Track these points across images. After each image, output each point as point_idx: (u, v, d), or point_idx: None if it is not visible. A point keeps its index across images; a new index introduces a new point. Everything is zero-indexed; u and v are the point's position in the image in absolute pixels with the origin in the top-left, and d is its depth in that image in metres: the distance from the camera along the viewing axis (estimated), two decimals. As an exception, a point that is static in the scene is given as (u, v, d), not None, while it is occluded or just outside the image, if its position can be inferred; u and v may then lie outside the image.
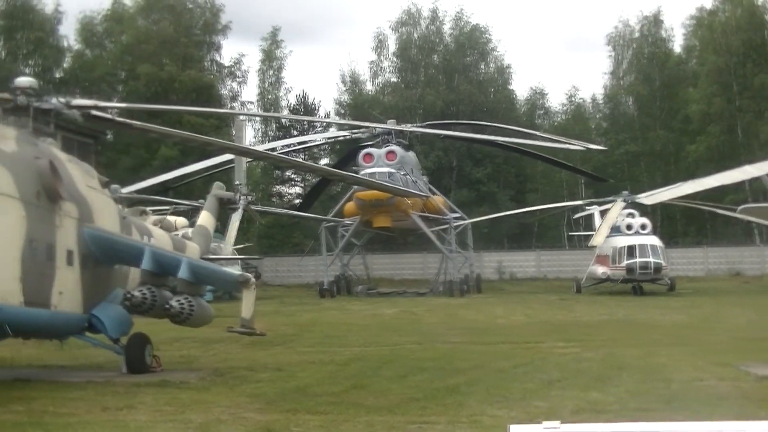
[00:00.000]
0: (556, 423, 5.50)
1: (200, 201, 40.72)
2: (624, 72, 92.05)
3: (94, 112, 19.68)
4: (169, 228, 29.11)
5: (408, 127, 58.41)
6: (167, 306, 19.26)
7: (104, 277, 19.56)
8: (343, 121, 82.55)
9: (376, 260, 72.31)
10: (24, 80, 19.06)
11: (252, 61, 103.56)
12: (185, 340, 25.49)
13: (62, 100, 19.25)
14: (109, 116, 20.87)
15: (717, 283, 63.75)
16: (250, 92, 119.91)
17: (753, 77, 79.95)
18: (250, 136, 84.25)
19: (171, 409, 14.26)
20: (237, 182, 38.39)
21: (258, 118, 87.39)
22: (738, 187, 70.55)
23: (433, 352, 22.53)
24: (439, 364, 19.84)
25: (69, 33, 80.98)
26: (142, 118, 30.58)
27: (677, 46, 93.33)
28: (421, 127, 60.43)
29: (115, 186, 34.67)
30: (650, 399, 14.26)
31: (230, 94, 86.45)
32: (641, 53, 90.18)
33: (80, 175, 19.23)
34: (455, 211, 63.15)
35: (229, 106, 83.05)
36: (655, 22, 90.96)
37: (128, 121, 22.15)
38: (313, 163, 63.46)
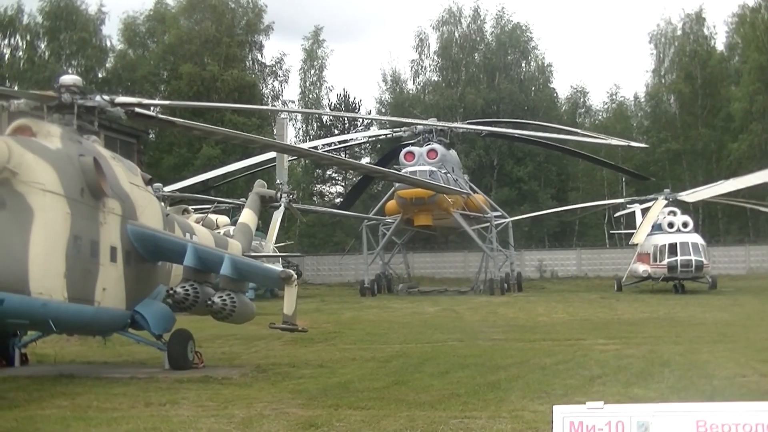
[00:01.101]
0: (599, 403, 5.55)
1: (242, 199, 40.90)
2: (666, 70, 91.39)
3: (138, 110, 19.81)
4: (210, 226, 29.32)
5: (449, 124, 58.30)
6: (209, 302, 19.35)
7: (147, 274, 19.70)
8: (384, 117, 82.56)
9: (417, 259, 72.36)
10: (68, 78, 19.23)
11: (294, 60, 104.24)
12: (227, 337, 25.63)
13: (106, 97, 19.42)
14: (152, 114, 21.01)
15: (759, 282, 63.07)
16: (291, 91, 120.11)
17: (796, 75, 79.20)
18: (291, 135, 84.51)
19: (213, 405, 14.33)
20: (278, 180, 38.52)
21: (299, 118, 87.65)
22: (780, 185, 69.93)
23: (475, 349, 22.50)
24: (481, 360, 19.80)
25: (112, 33, 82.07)
26: (185, 117, 30.82)
27: (719, 43, 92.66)
28: (463, 125, 60.30)
29: (157, 184, 34.98)
30: (692, 395, 14.14)
31: (272, 93, 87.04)
32: (683, 51, 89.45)
33: (124, 172, 19.37)
34: (496, 210, 62.97)
35: (270, 105, 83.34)
36: (697, 19, 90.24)
37: (171, 118, 22.35)
38: (354, 161, 63.47)
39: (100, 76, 78.26)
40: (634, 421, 5.50)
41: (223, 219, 42.37)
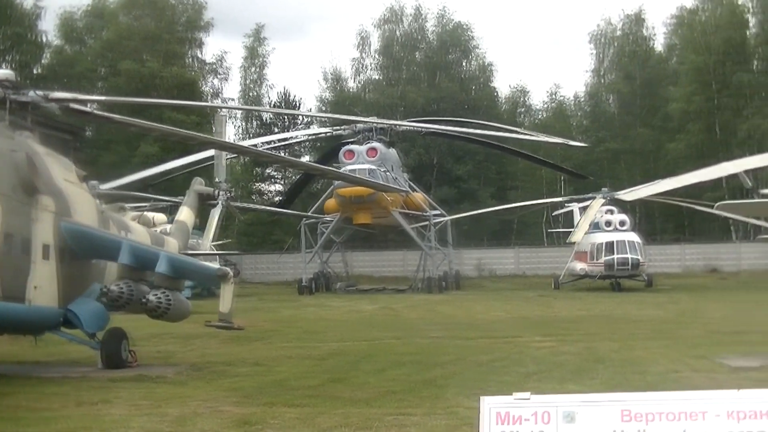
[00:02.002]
0: (526, 394, 5.58)
1: (180, 197, 40.56)
2: (606, 70, 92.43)
3: (74, 106, 19.53)
4: (147, 224, 29.01)
5: (389, 122, 58.42)
6: (144, 300, 19.17)
7: (81, 272, 19.42)
8: (325, 115, 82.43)
9: (355, 257, 72.37)
10: (0, 72, 18.91)
11: (235, 58, 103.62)
12: (163, 336, 25.41)
13: (40, 93, 19.08)
14: (88, 110, 20.72)
15: (694, 280, 64.09)
16: (232, 89, 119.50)
17: (732, 76, 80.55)
18: (230, 133, 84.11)
19: (147, 404, 14.19)
20: (217, 178, 38.26)
21: (239, 116, 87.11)
22: (716, 184, 70.85)
23: (412, 347, 22.54)
24: (418, 358, 19.84)
25: (49, 28, 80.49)
26: (123, 113, 30.38)
27: (658, 44, 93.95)
28: (403, 123, 60.41)
29: (93, 182, 34.48)
30: (626, 391, 14.25)
31: (212, 91, 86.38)
32: (623, 51, 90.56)
33: (58, 169, 19.11)
34: (435, 208, 63.23)
35: (210, 102, 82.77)
36: (636, 20, 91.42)
37: (108, 114, 22.00)
38: (293, 158, 63.28)
39: (35, 72, 77.09)
40: (560, 411, 5.52)
41: (160, 217, 41.87)
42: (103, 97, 51.91)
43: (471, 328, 28.63)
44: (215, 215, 38.17)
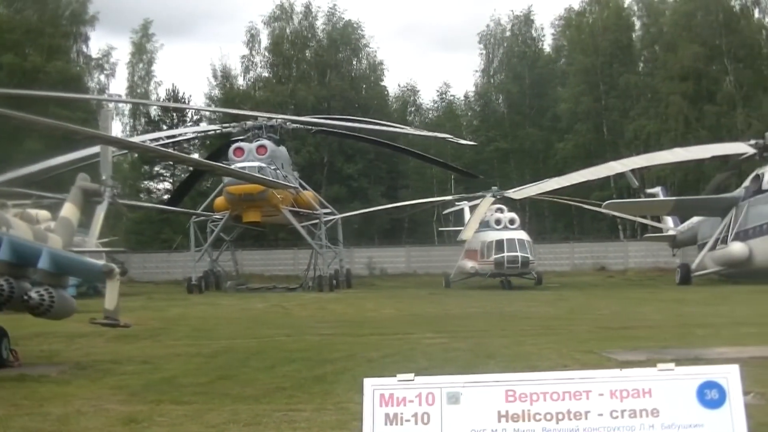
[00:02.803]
0: (410, 375, 5.65)
1: (65, 194, 39.72)
2: (495, 70, 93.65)
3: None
4: (29, 220, 28.21)
5: (279, 119, 58.22)
6: (26, 298, 18.58)
7: (-43, 270, 18.76)
8: (215, 109, 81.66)
9: (246, 256, 71.99)
10: None
11: (122, 54, 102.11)
12: (47, 335, 24.73)
13: None
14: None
15: (583, 277, 65.23)
16: (119, 85, 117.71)
17: (619, 77, 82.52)
18: (117, 130, 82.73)
19: (29, 403, 13.73)
20: (103, 175, 37.56)
21: (127, 113, 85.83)
22: (604, 183, 72.73)
23: (302, 344, 22.36)
24: (308, 355, 19.68)
25: None
26: (4, 107, 29.54)
27: (547, 45, 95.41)
28: (293, 120, 60.29)
29: (-28, 178, 33.51)
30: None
31: (98, 86, 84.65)
32: (512, 52, 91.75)
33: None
34: (326, 207, 63.20)
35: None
36: (525, 21, 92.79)
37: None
38: (183, 154, 62.52)
39: None
40: (444, 392, 5.59)
41: (44, 214, 40.88)
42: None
43: (362, 325, 28.55)
44: (100, 212, 37.51)
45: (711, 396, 5.39)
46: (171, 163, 78.87)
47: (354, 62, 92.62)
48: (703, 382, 5.42)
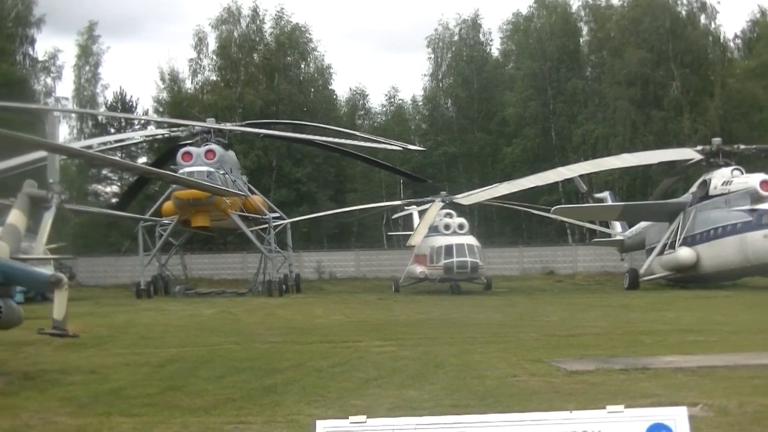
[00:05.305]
0: (362, 417, 5.60)
1: (11, 200, 39.33)
2: (443, 74, 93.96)
3: None
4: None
5: (227, 126, 58.15)
6: (-28, 309, 18.50)
7: None
8: (161, 119, 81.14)
9: (194, 260, 71.68)
10: None
11: (68, 57, 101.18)
12: (-7, 343, 24.57)
13: None
14: None
15: (531, 282, 65.68)
16: (65, 88, 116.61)
17: (566, 82, 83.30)
18: (65, 133, 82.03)
19: (-25, 416, 13.69)
20: (50, 180, 37.22)
21: (74, 116, 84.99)
22: (552, 188, 73.42)
23: (252, 352, 22.35)
24: (257, 364, 19.69)
25: None
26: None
27: (495, 49, 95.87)
28: (241, 126, 60.23)
29: None
30: (465, 395, 14.48)
31: (44, 89, 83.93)
32: (460, 56, 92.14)
33: None
34: (275, 211, 63.14)
35: (42, 102, 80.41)
36: (473, 25, 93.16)
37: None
38: (130, 162, 62.15)
39: None
40: None
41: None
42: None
43: (311, 332, 28.58)
44: (48, 218, 37.12)
45: (660, 438, 5.50)
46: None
47: (302, 66, 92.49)
48: (652, 425, 5.52)
